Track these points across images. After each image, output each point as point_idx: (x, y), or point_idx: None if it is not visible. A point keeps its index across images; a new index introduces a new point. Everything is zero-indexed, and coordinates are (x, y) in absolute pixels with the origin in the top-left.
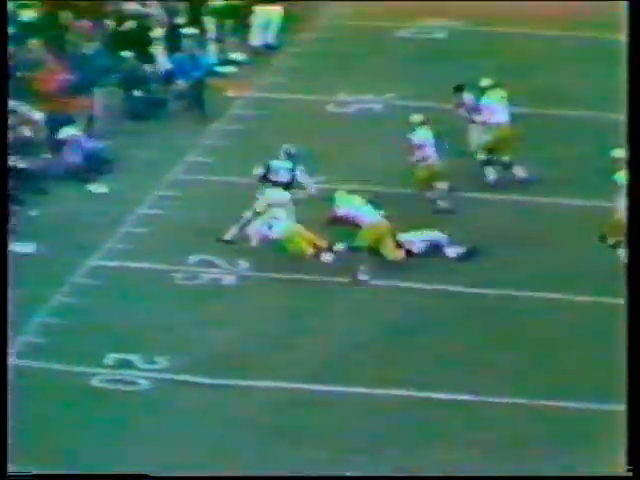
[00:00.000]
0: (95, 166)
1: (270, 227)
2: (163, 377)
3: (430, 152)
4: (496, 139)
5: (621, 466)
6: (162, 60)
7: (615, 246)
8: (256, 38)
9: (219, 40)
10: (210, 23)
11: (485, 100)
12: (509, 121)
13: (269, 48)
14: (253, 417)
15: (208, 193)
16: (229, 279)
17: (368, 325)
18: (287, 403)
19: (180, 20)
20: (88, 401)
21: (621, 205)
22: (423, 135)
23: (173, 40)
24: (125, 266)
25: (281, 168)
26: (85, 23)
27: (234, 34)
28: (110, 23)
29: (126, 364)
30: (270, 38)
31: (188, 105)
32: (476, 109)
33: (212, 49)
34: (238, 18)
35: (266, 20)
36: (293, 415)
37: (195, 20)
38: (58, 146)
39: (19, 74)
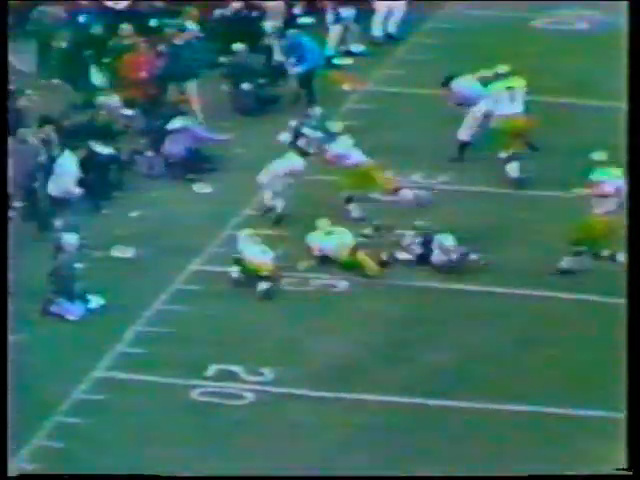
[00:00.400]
0: (198, 163)
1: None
2: (269, 390)
3: None
4: (497, 130)
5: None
6: (277, 52)
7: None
8: (377, 28)
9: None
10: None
11: (485, 90)
12: (517, 112)
13: (391, 39)
14: (364, 432)
15: (319, 192)
16: (342, 285)
17: (491, 334)
18: (399, 418)
19: (297, 9)
20: (188, 415)
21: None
22: None
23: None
24: (229, 272)
25: (312, 136)
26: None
27: (355, 23)
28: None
29: (230, 376)
30: (392, 28)
31: (298, 97)
32: (469, 99)
33: (331, 39)
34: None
35: (388, 9)
36: (405, 431)
37: (313, 9)
38: (160, 138)
39: (106, 60)
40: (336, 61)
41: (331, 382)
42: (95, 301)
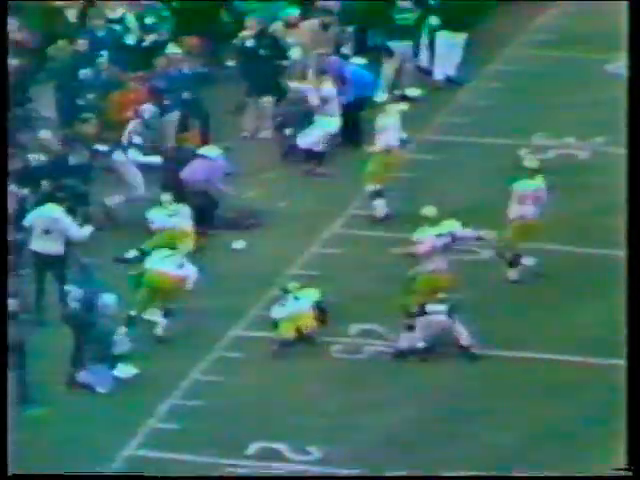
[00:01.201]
0: (240, 218)
1: None
2: (317, 471)
3: None
4: None
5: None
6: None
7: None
8: (438, 71)
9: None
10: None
11: None
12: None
13: (450, 82)
14: None
15: (371, 251)
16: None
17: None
18: None
19: (346, 49)
20: None
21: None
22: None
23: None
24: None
25: None
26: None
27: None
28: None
29: (273, 454)
30: (452, 69)
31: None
32: None
33: (385, 77)
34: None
35: (449, 48)
36: None
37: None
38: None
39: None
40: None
41: (384, 461)
42: (126, 370)
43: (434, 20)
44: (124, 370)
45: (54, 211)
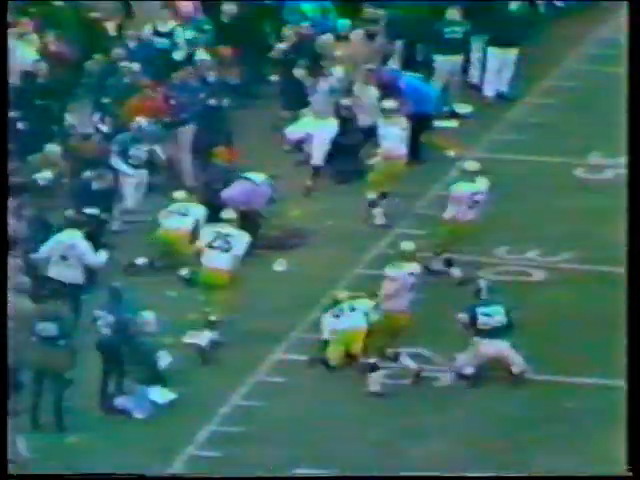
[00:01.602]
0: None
1: None
2: None
3: None
4: None
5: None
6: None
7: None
8: (489, 87)
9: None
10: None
11: None
12: None
13: (502, 98)
14: None
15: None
16: (445, 378)
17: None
18: None
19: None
20: None
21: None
22: None
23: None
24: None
25: None
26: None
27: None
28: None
29: None
30: (504, 86)
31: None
32: None
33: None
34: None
35: (500, 63)
36: None
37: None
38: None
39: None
40: (438, 123)
41: None
42: (164, 395)
43: (483, 35)
44: (162, 395)
45: (73, 237)
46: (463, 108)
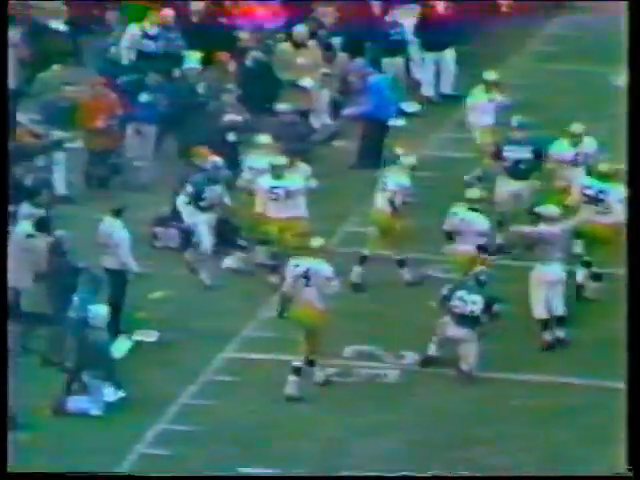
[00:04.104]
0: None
1: None
2: None
3: None
4: None
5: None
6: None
7: None
8: (427, 87)
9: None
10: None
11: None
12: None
13: (446, 97)
14: None
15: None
16: (393, 375)
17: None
18: None
19: None
20: None
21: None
22: None
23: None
24: (264, 359)
25: None
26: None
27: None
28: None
29: None
30: (446, 86)
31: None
32: None
33: None
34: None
35: (437, 65)
36: None
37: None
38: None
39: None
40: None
41: None
42: (113, 393)
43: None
44: (112, 393)
45: (112, 225)
46: (410, 107)
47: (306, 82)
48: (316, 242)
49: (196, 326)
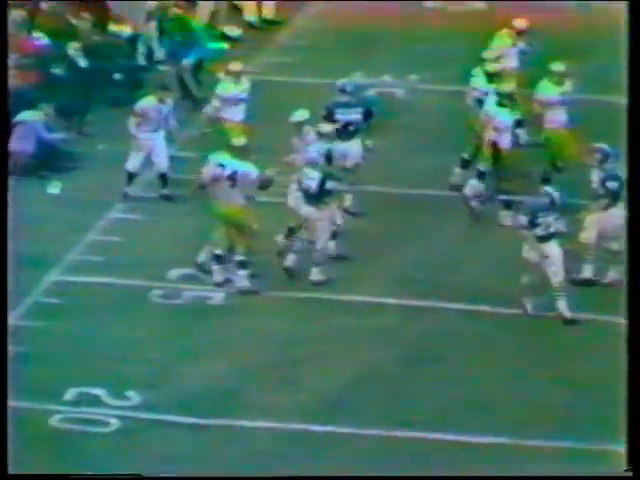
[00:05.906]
0: (53, 160)
1: None
2: (136, 416)
3: None
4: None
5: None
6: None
7: None
8: (250, 14)
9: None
10: None
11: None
12: None
13: (268, 23)
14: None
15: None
16: (217, 298)
17: (381, 354)
18: (282, 446)
19: None
20: (45, 445)
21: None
22: None
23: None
24: (91, 282)
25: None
26: None
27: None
28: None
29: (91, 400)
30: (267, 12)
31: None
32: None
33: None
34: None
35: None
36: (290, 460)
37: None
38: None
39: None
40: (211, 45)
41: (205, 408)
42: None
43: None
44: None
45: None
46: (232, 31)
47: None
48: (238, 141)
49: (22, 250)
